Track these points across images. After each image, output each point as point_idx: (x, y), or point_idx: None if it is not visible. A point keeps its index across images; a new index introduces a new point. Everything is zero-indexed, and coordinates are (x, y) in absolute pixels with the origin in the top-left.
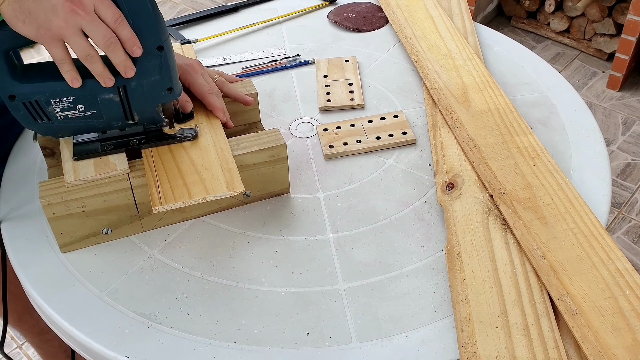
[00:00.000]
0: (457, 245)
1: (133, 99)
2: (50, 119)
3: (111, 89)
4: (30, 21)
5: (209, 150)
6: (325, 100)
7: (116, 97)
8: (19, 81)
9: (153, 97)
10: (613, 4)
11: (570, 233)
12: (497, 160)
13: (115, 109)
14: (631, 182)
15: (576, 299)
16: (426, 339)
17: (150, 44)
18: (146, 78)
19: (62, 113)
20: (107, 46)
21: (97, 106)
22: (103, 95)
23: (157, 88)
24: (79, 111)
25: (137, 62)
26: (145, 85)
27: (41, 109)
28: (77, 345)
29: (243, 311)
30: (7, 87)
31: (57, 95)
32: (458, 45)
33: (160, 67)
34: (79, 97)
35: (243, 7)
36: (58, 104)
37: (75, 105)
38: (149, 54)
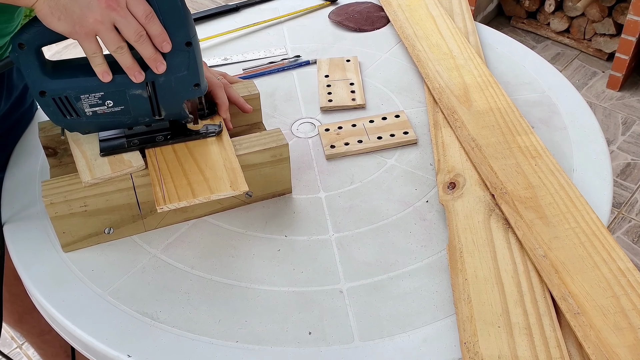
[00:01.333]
0: (458, 244)
1: (161, 95)
2: (79, 114)
3: (140, 85)
4: (66, 17)
5: (213, 150)
6: (326, 100)
7: (145, 92)
8: (49, 77)
9: (180, 93)
10: (613, 4)
11: (572, 232)
12: (498, 159)
13: (143, 105)
14: (631, 182)
15: (578, 299)
16: (428, 338)
17: (179, 39)
18: (174, 74)
19: (91, 109)
20: (137, 40)
21: (126, 102)
22: (132, 91)
23: (184, 84)
24: (107, 107)
25: (165, 57)
26: (173, 80)
27: (70, 105)
28: (79, 345)
29: (245, 310)
30: (38, 83)
31: (87, 90)
32: (459, 45)
33: (188, 63)
34: (108, 93)
35: (244, 7)
36: (87, 99)
37: (104, 101)
38: (178, 50)
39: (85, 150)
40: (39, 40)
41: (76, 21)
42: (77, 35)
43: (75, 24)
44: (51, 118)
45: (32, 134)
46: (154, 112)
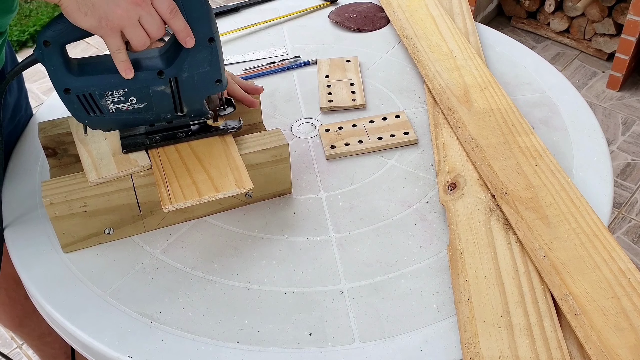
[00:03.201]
0: (459, 245)
1: (184, 91)
2: (103, 112)
3: (163, 81)
4: (93, 13)
5: (216, 149)
6: (326, 100)
7: (167, 89)
8: (73, 75)
9: (202, 89)
10: (613, 4)
11: (573, 233)
12: (499, 160)
13: (166, 101)
14: (631, 182)
15: (579, 299)
16: (429, 339)
17: (201, 35)
18: (197, 69)
19: (114, 106)
20: (161, 36)
21: (149, 98)
22: (155, 87)
23: (206, 79)
24: (130, 104)
25: (189, 53)
26: (196, 76)
27: (94, 102)
28: (79, 346)
29: (245, 311)
30: (62, 81)
31: (111, 87)
32: (459, 45)
33: (211, 59)
34: (132, 90)
35: (244, 7)
36: (111, 96)
37: (127, 97)
38: (200, 46)
39: (92, 150)
40: (64, 37)
41: (102, 16)
42: (102, 31)
43: (101, 19)
44: (75, 115)
45: (32, 135)
46: (176, 109)
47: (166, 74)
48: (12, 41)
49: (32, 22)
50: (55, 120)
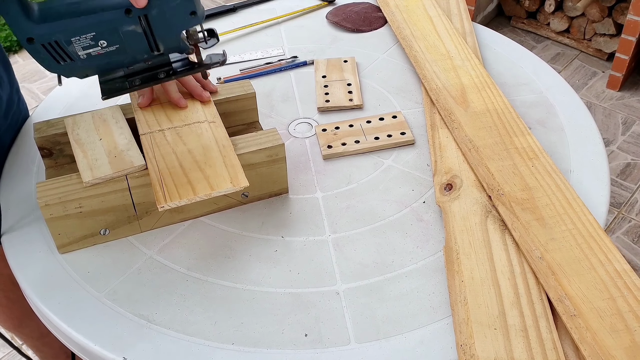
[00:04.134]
0: (455, 246)
1: (156, 28)
2: (73, 58)
3: (132, 20)
4: None
5: (211, 147)
6: (323, 100)
7: (138, 27)
8: (35, 22)
9: (176, 24)
10: (613, 4)
11: (569, 234)
12: (495, 161)
13: (139, 41)
14: (631, 182)
15: (574, 300)
16: (424, 340)
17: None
18: (167, 3)
19: (84, 51)
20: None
21: (120, 40)
22: (124, 27)
23: (179, 13)
24: (101, 47)
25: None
26: (167, 11)
27: (62, 49)
28: (75, 347)
29: (241, 312)
30: (24, 30)
31: (77, 32)
32: (457, 46)
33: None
34: (100, 33)
35: (242, 7)
36: (79, 41)
37: (97, 41)
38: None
39: (87, 150)
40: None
41: None
42: None
43: None
44: (44, 66)
45: (28, 135)
46: (151, 48)
47: (134, 12)
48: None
49: None
50: (51, 120)
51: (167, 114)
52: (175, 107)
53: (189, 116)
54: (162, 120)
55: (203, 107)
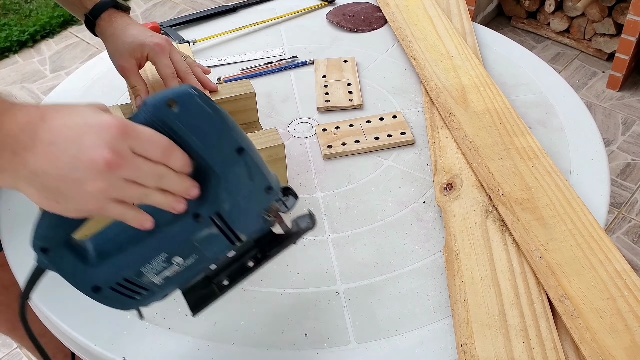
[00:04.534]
0: (455, 246)
1: (233, 221)
2: (149, 288)
3: (203, 223)
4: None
5: None
6: (323, 100)
7: (213, 228)
8: (93, 265)
9: (254, 207)
10: (613, 4)
11: (569, 234)
12: (495, 161)
13: (217, 242)
14: (631, 182)
15: (574, 300)
16: (425, 340)
17: (227, 150)
18: (239, 191)
19: (159, 277)
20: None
21: (196, 249)
22: (197, 234)
23: (254, 195)
24: (178, 265)
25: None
26: (241, 200)
27: (134, 284)
28: (75, 347)
29: (241, 312)
30: (86, 280)
31: (145, 260)
32: (457, 46)
33: (249, 170)
34: (172, 250)
35: (242, 7)
36: (151, 268)
37: (170, 260)
38: (230, 162)
39: None
40: (61, 232)
41: (78, 199)
42: (88, 213)
43: (78, 203)
44: (119, 308)
45: None
46: (232, 242)
47: (204, 214)
48: (12, 41)
49: (32, 22)
50: None
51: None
52: None
53: None
54: None
55: None
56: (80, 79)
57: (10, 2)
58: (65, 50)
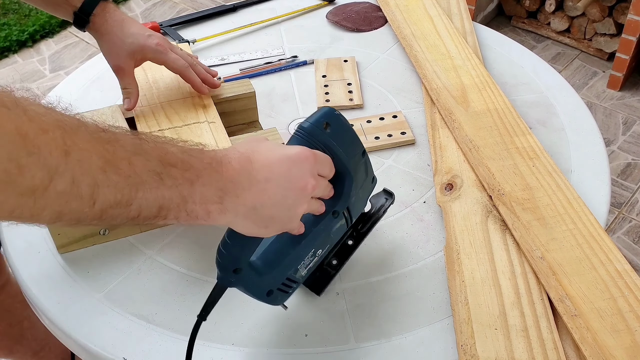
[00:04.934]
0: (456, 246)
1: (354, 210)
2: (298, 281)
3: (339, 217)
4: (275, 223)
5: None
6: (324, 100)
7: (342, 220)
8: (265, 273)
9: (365, 196)
10: (613, 4)
11: (570, 234)
12: (496, 160)
13: (343, 230)
14: (631, 182)
15: (575, 300)
16: (425, 340)
17: (357, 156)
18: (361, 186)
19: (306, 269)
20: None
21: (331, 239)
22: (334, 227)
23: (366, 187)
24: (318, 257)
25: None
26: (361, 192)
27: (292, 281)
28: (75, 347)
29: (241, 312)
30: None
31: (300, 258)
32: (457, 45)
33: (366, 166)
34: (317, 245)
35: (242, 7)
36: (303, 264)
37: (315, 254)
38: (359, 163)
39: None
40: (248, 253)
41: (286, 221)
42: (287, 230)
43: (285, 224)
44: (275, 304)
45: None
46: (348, 227)
47: (339, 210)
48: (11, 41)
49: (32, 21)
50: None
51: (166, 114)
52: (173, 107)
53: (188, 116)
54: (162, 120)
55: (202, 107)
56: (80, 79)
57: (9, 2)
58: (65, 50)
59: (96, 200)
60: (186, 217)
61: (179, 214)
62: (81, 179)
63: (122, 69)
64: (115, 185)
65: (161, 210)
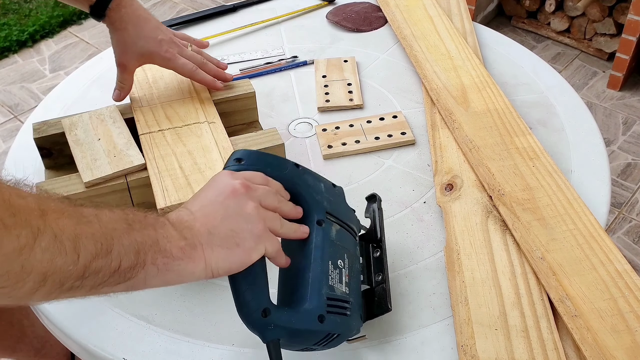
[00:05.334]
0: (456, 246)
1: (340, 214)
2: (346, 300)
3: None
4: (241, 238)
5: (211, 149)
6: (324, 100)
7: (335, 225)
8: (302, 303)
9: (341, 199)
10: (613, 4)
11: (570, 234)
12: (496, 161)
13: (345, 234)
14: (631, 182)
15: (575, 301)
16: (425, 340)
17: (290, 169)
18: (321, 191)
19: (343, 285)
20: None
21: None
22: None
23: (332, 191)
24: (343, 267)
25: (303, 188)
26: (329, 196)
27: (336, 300)
28: (75, 348)
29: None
30: (309, 317)
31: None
32: (457, 46)
33: (311, 174)
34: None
35: (242, 7)
36: (332, 279)
37: (336, 264)
38: (299, 174)
39: (86, 150)
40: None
41: (251, 231)
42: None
43: (253, 234)
44: (346, 331)
45: (27, 135)
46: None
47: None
48: (11, 41)
49: (32, 21)
50: (50, 120)
51: (166, 114)
52: (173, 107)
53: (188, 116)
54: (162, 120)
55: (202, 107)
56: (80, 79)
57: (9, 2)
58: (65, 50)
59: (80, 254)
60: (163, 259)
61: (155, 257)
62: (61, 234)
63: (125, 66)
64: (92, 236)
65: (139, 255)
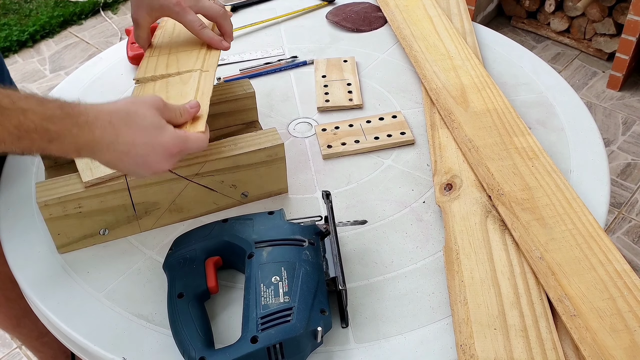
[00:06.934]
0: (455, 246)
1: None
2: (285, 308)
3: (258, 252)
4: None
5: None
6: (323, 100)
7: (260, 251)
8: (240, 341)
9: (270, 224)
10: (613, 4)
11: (569, 234)
12: (495, 161)
13: (285, 250)
14: (631, 182)
15: (574, 300)
16: (424, 340)
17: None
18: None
19: (281, 298)
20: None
21: (269, 266)
22: (262, 259)
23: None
24: (280, 279)
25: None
26: (260, 227)
27: (269, 315)
28: (74, 347)
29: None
30: (244, 344)
31: (258, 295)
32: (457, 46)
33: (231, 226)
34: (259, 281)
35: (241, 7)
36: (264, 298)
37: (268, 285)
38: (222, 227)
39: None
40: (206, 340)
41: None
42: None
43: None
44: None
45: None
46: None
47: (250, 250)
48: (12, 41)
49: (32, 21)
50: None
51: (167, 62)
52: (177, 56)
53: (185, 65)
54: (160, 68)
55: (205, 57)
56: (80, 79)
57: (10, 2)
58: (65, 50)
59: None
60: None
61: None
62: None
63: (138, 22)
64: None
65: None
